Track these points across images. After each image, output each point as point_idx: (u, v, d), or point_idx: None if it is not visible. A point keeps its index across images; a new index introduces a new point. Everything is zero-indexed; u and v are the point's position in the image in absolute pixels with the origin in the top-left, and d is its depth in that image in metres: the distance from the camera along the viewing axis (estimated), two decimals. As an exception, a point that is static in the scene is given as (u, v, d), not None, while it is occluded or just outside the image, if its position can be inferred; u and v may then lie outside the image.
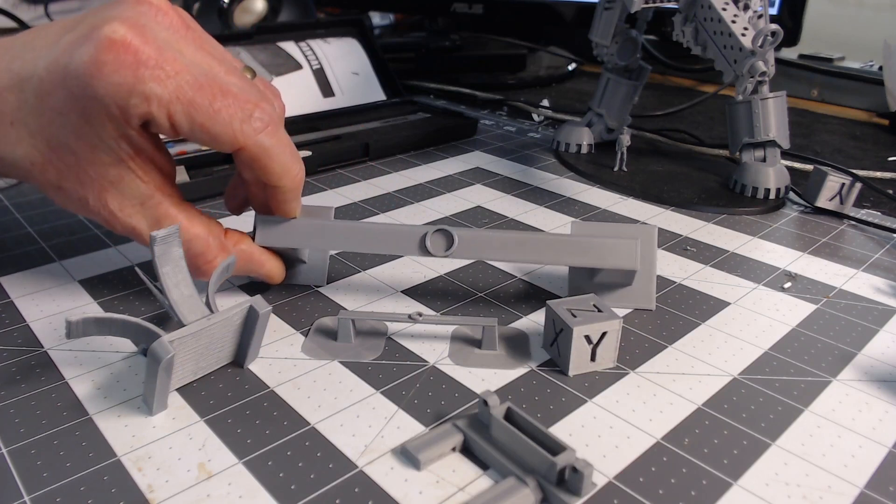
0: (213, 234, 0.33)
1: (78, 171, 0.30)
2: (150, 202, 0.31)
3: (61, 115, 0.29)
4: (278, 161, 0.31)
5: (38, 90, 0.29)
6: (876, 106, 0.77)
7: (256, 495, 0.23)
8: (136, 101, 0.28)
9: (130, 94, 0.28)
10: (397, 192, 0.51)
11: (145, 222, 0.32)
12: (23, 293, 0.36)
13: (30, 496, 0.23)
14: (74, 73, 0.28)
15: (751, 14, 0.49)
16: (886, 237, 0.45)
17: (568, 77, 0.91)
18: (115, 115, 0.28)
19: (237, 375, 0.30)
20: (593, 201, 0.50)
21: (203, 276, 0.33)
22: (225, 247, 0.33)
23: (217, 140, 0.30)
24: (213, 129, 0.29)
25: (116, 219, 0.31)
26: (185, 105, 0.29)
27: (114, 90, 0.28)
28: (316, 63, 0.64)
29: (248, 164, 0.31)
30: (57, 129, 0.29)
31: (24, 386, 0.29)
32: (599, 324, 0.29)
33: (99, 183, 0.30)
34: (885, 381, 0.30)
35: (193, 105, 0.29)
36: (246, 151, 0.31)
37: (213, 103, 0.29)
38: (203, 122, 0.29)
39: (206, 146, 0.32)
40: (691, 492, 0.24)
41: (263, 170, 0.31)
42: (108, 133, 0.29)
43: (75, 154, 0.30)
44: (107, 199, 0.31)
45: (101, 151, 0.30)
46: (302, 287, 0.37)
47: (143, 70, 0.28)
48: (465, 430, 0.26)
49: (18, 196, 0.48)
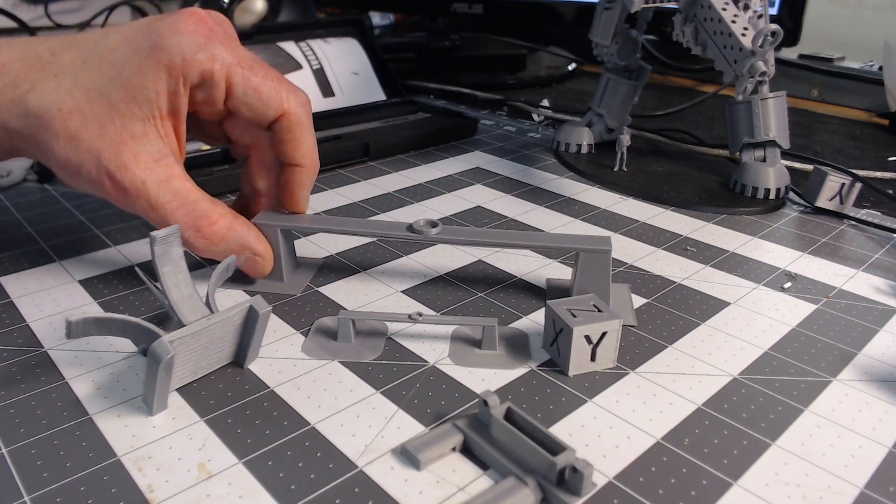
0: (217, 201, 0.35)
1: (103, 121, 0.32)
2: (165, 161, 0.33)
3: (115, 67, 0.32)
4: (310, 136, 0.35)
5: (101, 49, 0.33)
6: (876, 106, 0.77)
7: (256, 495, 0.23)
8: (202, 57, 0.32)
9: (200, 49, 0.32)
10: (397, 192, 0.51)
11: (154, 178, 0.33)
12: (23, 293, 0.36)
13: (30, 496, 0.23)
14: (151, 30, 0.32)
15: (751, 14, 0.49)
16: (886, 237, 0.45)
17: (568, 77, 0.91)
18: (177, 65, 0.32)
19: (237, 375, 0.30)
20: (593, 201, 0.50)
21: (206, 240, 0.34)
22: (227, 212, 0.34)
23: (266, 103, 0.34)
24: (265, 93, 0.34)
25: (126, 171, 0.32)
26: (244, 69, 0.33)
27: (186, 42, 0.32)
28: (316, 63, 0.64)
29: (282, 133, 0.35)
30: (104, 80, 0.32)
31: (24, 386, 0.29)
32: (599, 324, 0.29)
33: (120, 136, 0.32)
34: (885, 381, 0.30)
35: (252, 70, 0.34)
36: (286, 118, 0.34)
37: (267, 73, 0.34)
38: (257, 86, 0.34)
39: (250, 113, 0.34)
40: (691, 492, 0.24)
41: (295, 142, 0.35)
42: (157, 84, 0.32)
43: (110, 103, 0.32)
44: (122, 151, 0.32)
45: (136, 104, 0.32)
46: (302, 287, 0.37)
47: (214, 37, 0.33)
48: (465, 430, 0.26)
49: (18, 196, 0.48)
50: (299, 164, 0.36)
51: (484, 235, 0.37)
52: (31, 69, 0.33)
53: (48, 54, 0.33)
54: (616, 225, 0.46)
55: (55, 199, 0.48)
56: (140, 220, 0.44)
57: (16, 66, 0.33)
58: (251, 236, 0.35)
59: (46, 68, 0.33)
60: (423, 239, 0.36)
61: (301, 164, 0.36)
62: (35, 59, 0.33)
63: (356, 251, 0.41)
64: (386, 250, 0.41)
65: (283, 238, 0.36)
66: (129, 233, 0.43)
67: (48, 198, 0.48)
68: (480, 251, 0.41)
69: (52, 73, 0.32)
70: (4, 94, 0.32)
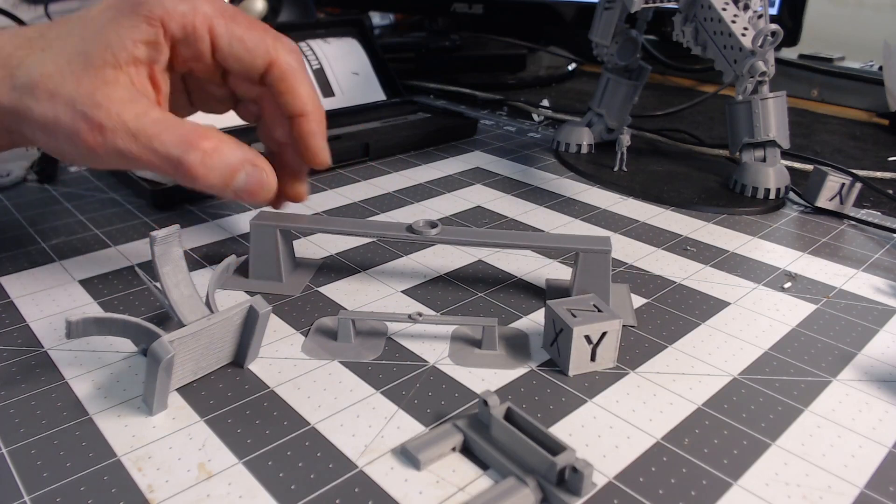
0: None
1: (80, 75, 0.31)
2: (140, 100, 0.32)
3: (95, 28, 0.32)
4: (305, 83, 0.35)
5: (84, 17, 0.33)
6: (876, 106, 0.77)
7: (256, 495, 0.23)
8: (184, 9, 0.32)
9: (181, 2, 0.32)
10: (397, 192, 0.51)
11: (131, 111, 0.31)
12: (23, 293, 0.36)
13: (30, 496, 0.23)
14: None
15: (751, 14, 0.49)
16: (886, 237, 0.45)
17: (568, 77, 0.91)
18: (157, 15, 0.32)
19: (237, 375, 0.30)
20: (593, 201, 0.50)
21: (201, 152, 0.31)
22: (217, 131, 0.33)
23: (252, 51, 0.34)
24: (249, 41, 0.34)
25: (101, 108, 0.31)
26: (227, 20, 0.33)
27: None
28: (316, 63, 0.64)
29: (276, 84, 0.34)
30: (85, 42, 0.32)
31: (24, 386, 0.29)
32: (599, 324, 0.29)
33: (93, 83, 0.31)
34: (885, 381, 0.30)
35: (234, 20, 0.33)
36: (277, 67, 0.34)
37: (251, 23, 0.34)
38: (241, 35, 0.33)
39: (239, 65, 0.34)
40: (691, 492, 0.24)
41: (291, 92, 0.34)
42: (133, 33, 0.32)
43: (87, 59, 0.32)
44: (95, 94, 0.31)
45: (109, 52, 0.32)
46: (301, 288, 0.37)
47: None
48: (465, 430, 0.26)
49: (18, 196, 0.48)
50: (302, 113, 0.35)
51: (484, 236, 0.37)
52: (21, 48, 0.33)
53: (37, 34, 0.33)
54: (616, 225, 0.46)
55: (55, 199, 0.48)
56: (140, 220, 0.44)
57: (6, 48, 0.33)
58: (248, 149, 0.33)
59: (35, 44, 0.33)
60: (423, 239, 0.36)
61: (303, 112, 0.35)
62: (25, 39, 0.33)
63: (356, 251, 0.41)
64: (386, 250, 0.41)
65: (282, 238, 0.36)
66: (129, 233, 0.43)
67: (48, 198, 0.48)
68: (480, 251, 0.41)
69: (40, 47, 0.32)
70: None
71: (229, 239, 0.43)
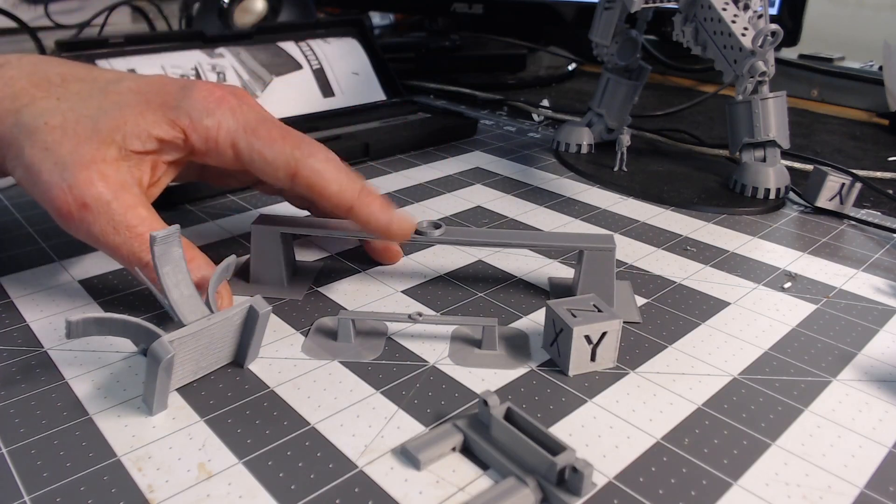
0: None
1: (81, 141, 0.32)
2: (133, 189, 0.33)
3: (117, 105, 0.33)
4: (334, 180, 0.33)
5: (110, 91, 0.34)
6: (876, 106, 0.77)
7: (256, 495, 0.23)
8: (209, 123, 0.33)
9: (208, 114, 0.33)
10: (397, 192, 0.51)
11: (122, 202, 0.32)
12: (23, 293, 0.36)
13: (30, 496, 0.23)
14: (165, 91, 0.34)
15: (751, 14, 0.49)
16: (886, 237, 0.45)
17: (568, 77, 0.91)
18: (182, 123, 0.33)
19: (237, 375, 0.30)
20: (593, 201, 0.50)
21: None
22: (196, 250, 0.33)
23: (272, 166, 0.33)
24: (269, 155, 0.33)
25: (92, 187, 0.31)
26: (248, 134, 0.33)
27: (196, 106, 0.33)
28: (316, 63, 0.64)
29: (306, 192, 0.33)
30: (100, 112, 0.33)
31: (24, 386, 0.29)
32: (599, 324, 0.29)
33: (92, 156, 0.32)
34: (885, 381, 0.30)
35: (256, 133, 0.33)
36: (300, 178, 0.33)
37: (271, 135, 0.33)
38: (261, 149, 0.33)
39: (263, 175, 0.34)
40: (691, 492, 0.24)
41: (324, 197, 0.33)
42: (153, 129, 0.33)
43: (95, 128, 0.32)
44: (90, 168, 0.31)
45: (119, 134, 0.32)
46: (303, 292, 0.37)
47: (223, 104, 0.33)
48: (465, 430, 0.26)
49: (18, 196, 0.48)
50: (348, 209, 0.33)
51: (488, 236, 0.37)
52: (37, 87, 0.33)
53: (58, 79, 0.34)
54: (616, 225, 0.46)
55: (55, 199, 0.48)
56: (140, 220, 0.44)
57: (21, 82, 0.33)
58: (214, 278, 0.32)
59: (52, 90, 0.33)
60: (427, 240, 0.35)
61: (347, 206, 0.33)
62: (44, 79, 0.34)
63: (356, 251, 0.41)
64: (386, 250, 0.41)
65: (283, 242, 0.36)
66: (129, 233, 0.43)
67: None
68: (480, 251, 0.41)
69: (56, 95, 0.33)
70: (2, 104, 0.32)
71: (229, 239, 0.43)
